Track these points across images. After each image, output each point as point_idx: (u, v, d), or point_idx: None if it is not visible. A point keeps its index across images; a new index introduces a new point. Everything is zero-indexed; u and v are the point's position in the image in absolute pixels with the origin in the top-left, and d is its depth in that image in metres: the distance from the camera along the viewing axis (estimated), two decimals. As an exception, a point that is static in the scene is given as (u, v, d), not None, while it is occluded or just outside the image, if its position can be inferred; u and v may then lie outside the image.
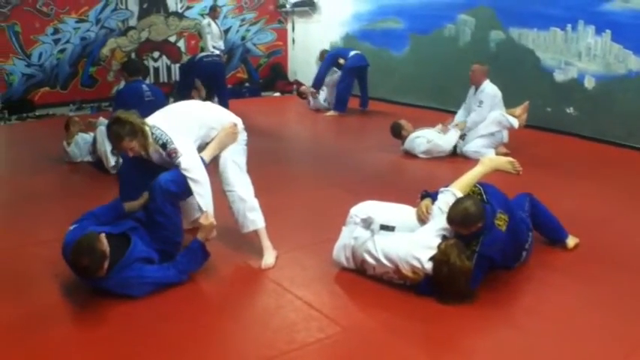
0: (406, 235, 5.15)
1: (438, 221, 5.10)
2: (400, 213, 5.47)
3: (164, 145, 5.25)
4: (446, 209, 5.11)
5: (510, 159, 5.74)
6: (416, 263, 4.91)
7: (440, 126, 9.90)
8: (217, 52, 14.92)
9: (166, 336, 4.51)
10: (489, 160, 5.85)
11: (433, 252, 4.90)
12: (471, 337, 4.57)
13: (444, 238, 4.99)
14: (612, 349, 4.31)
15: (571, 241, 5.91)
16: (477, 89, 9.72)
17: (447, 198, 5.23)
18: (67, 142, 9.55)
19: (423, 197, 5.51)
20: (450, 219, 4.97)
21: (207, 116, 5.71)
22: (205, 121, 5.63)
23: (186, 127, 5.47)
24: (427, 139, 9.62)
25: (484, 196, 5.25)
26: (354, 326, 4.66)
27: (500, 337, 4.52)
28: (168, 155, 5.26)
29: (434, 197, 5.38)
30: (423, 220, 5.27)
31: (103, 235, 4.76)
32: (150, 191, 5.22)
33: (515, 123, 9.37)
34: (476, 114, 9.60)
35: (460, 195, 5.22)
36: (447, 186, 5.41)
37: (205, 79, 13.17)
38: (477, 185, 5.41)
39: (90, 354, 4.35)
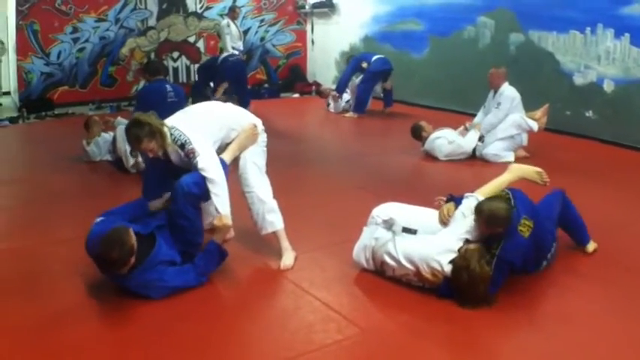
0: (428, 238, 5.15)
1: (461, 225, 5.09)
2: (422, 216, 5.46)
3: (182, 146, 5.24)
4: (469, 214, 5.11)
5: (538, 169, 5.72)
6: (436, 266, 4.90)
7: (462, 128, 9.87)
8: (237, 52, 14.96)
9: (185, 336, 4.51)
10: (517, 168, 5.83)
11: (454, 255, 4.90)
12: (491, 341, 4.54)
13: (466, 242, 4.98)
14: (631, 354, 4.28)
15: (591, 246, 5.88)
16: (495, 92, 9.69)
17: (470, 204, 5.22)
18: (87, 141, 9.59)
19: (447, 201, 5.51)
20: (479, 210, 4.99)
21: (227, 117, 5.70)
22: (225, 122, 5.63)
23: (206, 128, 5.47)
24: (448, 139, 9.58)
25: (512, 201, 5.23)
26: (373, 328, 4.65)
27: (521, 341, 4.49)
28: (186, 155, 5.26)
29: (458, 202, 5.37)
30: (444, 222, 5.27)
31: (132, 230, 4.80)
32: (172, 193, 5.24)
33: (535, 126, 9.34)
34: (492, 115, 9.58)
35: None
36: (472, 192, 5.40)
37: (231, 78, 13.20)
38: (506, 189, 5.39)
39: (109, 354, 4.36)
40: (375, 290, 5.19)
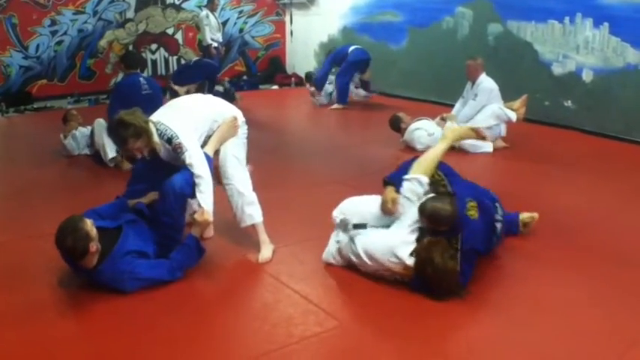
0: (382, 232, 5.16)
1: (410, 214, 5.09)
2: (374, 206, 5.42)
3: (169, 140, 5.26)
4: (414, 198, 5.10)
5: (471, 126, 5.62)
6: (395, 260, 4.90)
7: (438, 119, 9.88)
8: (215, 44, 14.93)
9: (165, 330, 4.52)
10: (450, 131, 5.75)
11: (412, 246, 4.89)
12: (468, 331, 4.57)
13: (421, 230, 4.98)
14: (609, 345, 4.30)
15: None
16: (473, 83, 9.72)
17: (412, 186, 5.21)
18: (64, 135, 9.57)
19: (385, 184, 5.43)
20: (422, 210, 4.97)
21: (209, 109, 5.73)
22: (208, 114, 5.65)
23: (191, 121, 5.49)
24: (427, 132, 9.57)
25: (448, 187, 5.22)
26: (352, 320, 4.68)
27: (499, 333, 4.49)
28: (173, 150, 5.28)
29: (396, 181, 5.33)
30: (389, 213, 5.25)
31: (90, 220, 4.81)
32: (161, 191, 5.25)
33: (514, 116, 9.39)
34: (469, 107, 9.63)
35: (426, 180, 5.24)
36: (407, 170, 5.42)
37: (202, 78, 13.30)
38: (440, 173, 5.36)
39: (90, 348, 4.36)
40: (354, 283, 5.19)
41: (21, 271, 5.49)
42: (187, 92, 12.12)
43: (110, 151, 8.74)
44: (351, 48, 13.80)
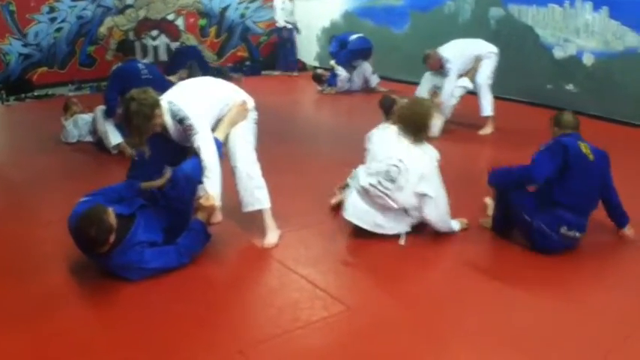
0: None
1: None
2: None
3: (181, 121, 5.27)
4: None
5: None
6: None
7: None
8: (290, 26, 16.26)
9: (173, 316, 4.54)
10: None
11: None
12: (478, 317, 4.54)
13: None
14: (615, 329, 4.32)
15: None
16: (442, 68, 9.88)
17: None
18: (65, 118, 9.63)
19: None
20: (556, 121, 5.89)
21: (221, 92, 5.74)
22: (220, 97, 5.65)
23: (203, 103, 5.49)
24: None
25: None
26: (359, 305, 4.68)
27: (513, 315, 4.51)
28: (184, 130, 5.29)
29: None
30: None
31: (111, 210, 4.81)
32: (173, 178, 5.27)
33: (466, 82, 9.62)
34: (447, 84, 9.73)
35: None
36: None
37: (186, 64, 13.63)
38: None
39: (98, 335, 4.39)
40: (361, 268, 5.24)
41: (29, 260, 5.51)
42: (180, 78, 12.17)
43: (113, 138, 8.76)
44: (352, 37, 13.81)
